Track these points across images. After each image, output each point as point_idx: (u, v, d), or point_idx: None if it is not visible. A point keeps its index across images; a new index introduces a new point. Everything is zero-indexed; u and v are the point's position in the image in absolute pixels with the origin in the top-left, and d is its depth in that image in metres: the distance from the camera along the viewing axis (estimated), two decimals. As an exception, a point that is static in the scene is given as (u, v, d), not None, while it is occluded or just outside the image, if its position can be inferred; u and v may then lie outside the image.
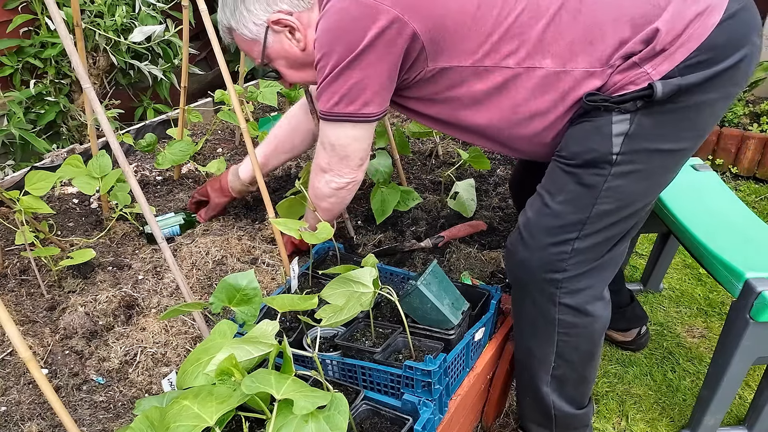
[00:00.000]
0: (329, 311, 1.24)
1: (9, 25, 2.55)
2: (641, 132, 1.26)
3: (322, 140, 1.50)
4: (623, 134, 1.26)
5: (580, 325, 1.40)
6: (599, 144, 1.28)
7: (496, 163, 2.74)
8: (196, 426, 0.91)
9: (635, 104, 1.24)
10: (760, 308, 1.43)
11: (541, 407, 1.53)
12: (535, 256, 1.37)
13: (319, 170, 1.58)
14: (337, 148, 1.48)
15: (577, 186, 1.32)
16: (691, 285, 2.38)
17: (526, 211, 1.42)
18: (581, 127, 1.31)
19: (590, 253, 1.35)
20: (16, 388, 1.54)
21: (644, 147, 1.27)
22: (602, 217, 1.32)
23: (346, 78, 1.33)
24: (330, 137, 1.47)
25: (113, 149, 1.35)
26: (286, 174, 2.62)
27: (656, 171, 1.33)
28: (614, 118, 1.26)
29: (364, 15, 1.26)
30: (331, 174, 1.55)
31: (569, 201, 1.33)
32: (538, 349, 1.47)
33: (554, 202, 1.35)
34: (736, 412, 1.82)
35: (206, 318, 1.55)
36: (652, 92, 1.21)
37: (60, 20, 1.27)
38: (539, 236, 1.36)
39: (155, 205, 2.35)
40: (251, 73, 3.56)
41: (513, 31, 1.27)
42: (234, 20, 1.46)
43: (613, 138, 1.26)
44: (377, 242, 2.15)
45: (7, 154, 2.63)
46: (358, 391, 1.25)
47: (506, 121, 1.36)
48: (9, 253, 2.03)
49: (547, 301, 1.39)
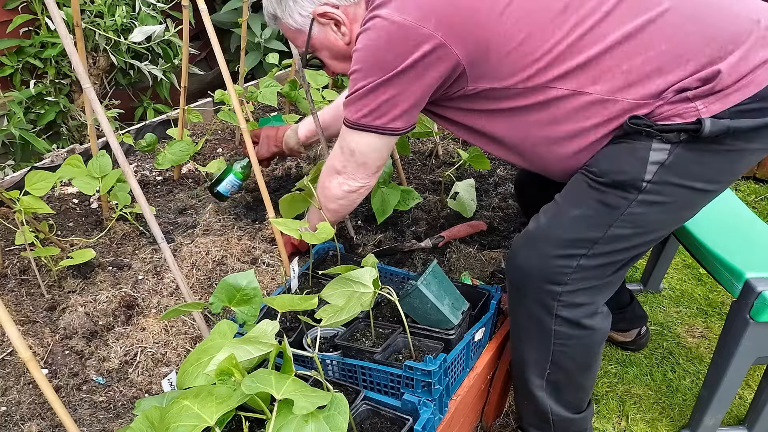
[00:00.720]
0: (329, 311, 1.24)
1: (9, 25, 2.55)
2: (677, 165, 1.23)
3: (342, 144, 1.46)
4: (659, 163, 1.23)
5: (577, 337, 1.39)
6: (632, 167, 1.25)
7: (496, 164, 2.74)
8: (196, 426, 0.91)
9: (678, 136, 1.21)
10: (760, 308, 1.43)
11: (538, 411, 1.52)
12: (537, 263, 1.35)
13: (333, 171, 1.54)
14: (357, 155, 1.44)
15: (599, 204, 1.29)
16: (691, 285, 2.38)
17: (540, 217, 1.38)
18: (617, 146, 1.28)
19: (594, 272, 1.33)
20: (16, 388, 1.54)
21: (676, 181, 1.25)
22: (615, 240, 1.30)
23: (379, 94, 1.30)
24: (350, 143, 1.43)
25: (113, 149, 1.35)
26: (286, 174, 2.62)
27: (681, 207, 1.31)
28: (654, 145, 1.22)
29: (407, 39, 1.22)
30: (344, 177, 1.51)
31: (586, 217, 1.30)
32: (531, 354, 1.45)
33: (570, 215, 1.32)
34: (736, 412, 1.82)
35: (206, 318, 1.55)
36: (699, 128, 1.17)
37: (60, 20, 1.27)
38: (546, 245, 1.34)
39: (155, 205, 2.35)
40: (251, 73, 3.57)
41: (564, 57, 1.23)
42: (280, 9, 1.44)
43: (648, 165, 1.23)
44: (377, 242, 2.15)
45: (7, 154, 2.63)
46: (358, 391, 1.25)
47: (543, 139, 1.33)
48: (9, 253, 2.03)
49: (544, 311, 1.37)
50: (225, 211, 2.32)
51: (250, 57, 3.41)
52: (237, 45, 3.36)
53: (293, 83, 2.85)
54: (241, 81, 2.81)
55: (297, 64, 1.99)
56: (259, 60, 3.45)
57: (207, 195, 2.46)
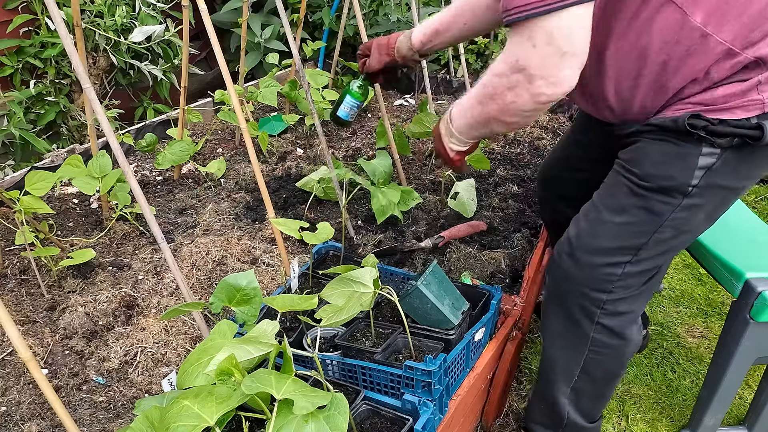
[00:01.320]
0: (329, 311, 1.23)
1: (9, 25, 2.55)
2: (723, 169, 1.18)
3: (532, 34, 1.05)
4: (706, 168, 1.17)
5: (613, 346, 1.37)
6: (680, 173, 1.18)
7: (496, 163, 2.74)
8: (196, 426, 0.91)
9: (731, 141, 1.13)
10: (760, 308, 1.43)
11: (554, 415, 1.52)
12: (584, 272, 1.31)
13: (523, 78, 1.10)
14: (559, 40, 1.03)
15: (642, 211, 1.24)
16: (691, 285, 2.38)
17: (579, 222, 1.33)
18: (663, 147, 1.20)
19: (638, 278, 1.31)
20: (16, 388, 1.54)
21: (718, 183, 1.20)
22: (658, 244, 1.27)
23: None
24: (545, 26, 1.03)
25: (113, 149, 1.35)
26: (287, 174, 2.62)
27: (717, 207, 1.27)
28: (704, 150, 1.15)
29: None
30: (542, 81, 1.08)
31: (631, 224, 1.26)
32: (563, 361, 1.43)
33: (614, 222, 1.27)
34: (736, 412, 1.82)
35: (206, 318, 1.55)
36: (761, 134, 1.09)
37: (60, 20, 1.27)
38: (592, 253, 1.30)
39: (155, 205, 2.35)
40: (251, 73, 3.57)
41: None
42: None
43: (696, 170, 1.17)
44: (377, 242, 2.15)
45: (7, 154, 2.63)
46: (358, 391, 1.25)
47: (680, 54, 1.12)
48: (9, 253, 2.03)
49: (585, 318, 1.35)
50: (225, 211, 2.33)
51: (250, 57, 3.41)
52: (237, 45, 3.36)
53: (293, 83, 2.85)
54: (241, 81, 2.81)
55: (297, 64, 1.99)
56: (259, 60, 3.45)
57: (207, 195, 2.46)
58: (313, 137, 3.00)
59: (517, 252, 2.08)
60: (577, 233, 1.33)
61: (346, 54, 3.64)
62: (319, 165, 2.63)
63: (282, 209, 2.36)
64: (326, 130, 3.09)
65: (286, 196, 2.43)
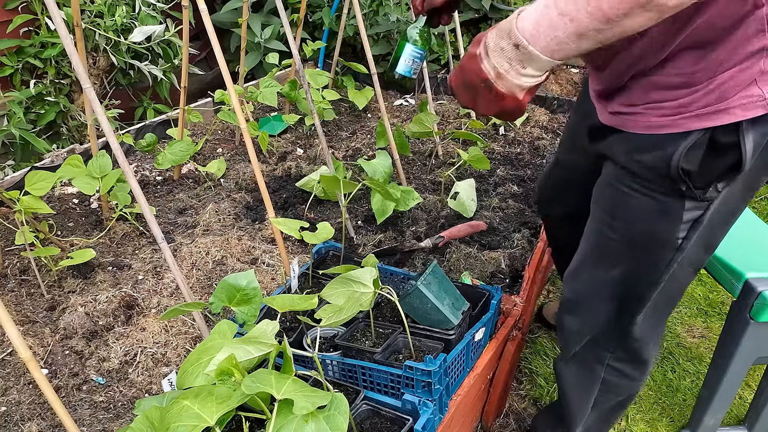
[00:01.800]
0: (329, 311, 1.24)
1: (9, 25, 2.55)
2: (716, 216, 1.08)
3: None
4: (692, 221, 1.08)
5: (624, 385, 1.38)
6: (663, 230, 1.10)
7: (496, 164, 2.74)
8: (197, 426, 0.91)
9: (716, 190, 1.02)
10: (760, 308, 1.43)
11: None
12: (592, 330, 1.30)
13: None
14: None
15: (636, 263, 1.17)
16: (691, 285, 2.38)
17: (572, 283, 1.29)
18: (641, 203, 1.09)
19: (648, 320, 1.26)
20: (16, 388, 1.54)
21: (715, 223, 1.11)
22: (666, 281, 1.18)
23: None
24: None
25: (113, 149, 1.35)
26: (287, 174, 2.62)
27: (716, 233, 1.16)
28: (687, 205, 1.05)
29: None
30: None
31: (629, 274, 1.20)
32: (582, 407, 1.43)
33: (609, 276, 1.21)
34: (736, 412, 1.82)
35: (206, 318, 1.55)
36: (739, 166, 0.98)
37: (60, 20, 1.27)
38: (593, 313, 1.26)
39: (155, 205, 2.35)
40: (251, 73, 3.57)
41: None
42: None
43: (681, 224, 1.08)
44: (377, 242, 2.15)
45: (7, 154, 2.63)
46: (358, 391, 1.25)
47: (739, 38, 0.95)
48: (9, 253, 2.03)
49: (598, 363, 1.35)
50: (225, 211, 2.33)
51: (250, 57, 3.41)
52: (237, 45, 3.36)
53: (293, 83, 2.85)
54: (241, 81, 2.81)
55: (297, 64, 1.99)
56: (259, 60, 3.45)
57: (207, 195, 2.46)
58: (313, 137, 3.00)
59: (517, 252, 2.08)
60: (575, 296, 1.30)
61: (346, 54, 3.64)
62: (319, 165, 2.63)
63: (282, 209, 2.36)
64: (326, 130, 3.09)
65: (286, 196, 2.43)
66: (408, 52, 1.45)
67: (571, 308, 1.33)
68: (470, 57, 0.92)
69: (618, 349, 1.30)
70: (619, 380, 1.36)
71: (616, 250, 1.18)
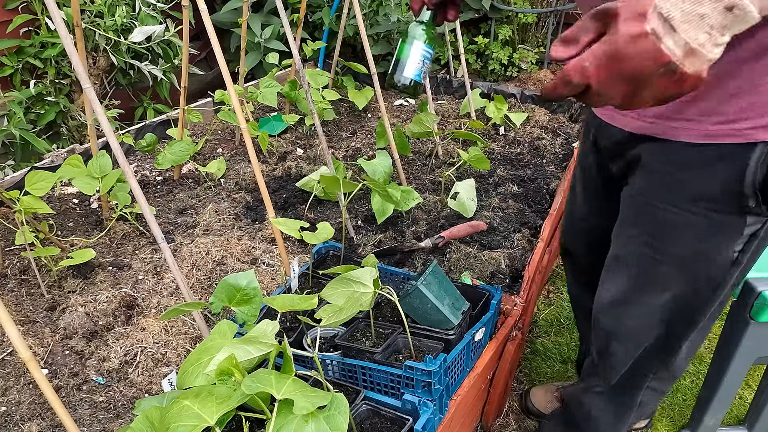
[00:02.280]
0: (329, 311, 1.24)
1: (9, 25, 2.55)
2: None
3: None
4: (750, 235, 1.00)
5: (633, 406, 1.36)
6: (721, 255, 1.02)
7: (496, 164, 2.74)
8: (197, 426, 0.91)
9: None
10: (760, 308, 1.43)
11: None
12: (637, 352, 1.22)
13: None
14: None
15: (688, 285, 1.09)
16: (691, 285, 2.38)
17: (616, 315, 1.19)
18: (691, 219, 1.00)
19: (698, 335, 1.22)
20: (16, 388, 1.54)
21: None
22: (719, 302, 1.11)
23: None
24: None
25: (113, 149, 1.35)
26: (287, 174, 2.62)
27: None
28: (749, 220, 0.96)
29: None
30: None
31: (679, 297, 1.12)
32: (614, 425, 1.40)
33: (655, 303, 1.14)
34: (736, 412, 1.82)
35: (206, 318, 1.55)
36: None
37: (60, 20, 1.27)
38: (647, 337, 1.18)
39: (155, 205, 2.35)
40: (251, 73, 3.57)
41: None
42: None
43: (739, 240, 1.00)
44: (377, 242, 2.15)
45: (7, 154, 2.63)
46: (358, 391, 1.25)
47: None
48: (9, 253, 2.03)
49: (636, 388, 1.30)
50: (225, 211, 2.33)
51: (250, 57, 3.41)
52: (237, 45, 3.36)
53: (293, 83, 2.85)
54: (241, 81, 2.81)
55: (297, 64, 1.99)
56: (259, 60, 3.45)
57: (207, 195, 2.46)
58: (313, 137, 3.00)
59: (517, 252, 2.08)
60: (623, 329, 1.20)
61: (346, 54, 3.64)
62: (319, 165, 2.63)
63: (282, 209, 2.36)
64: (326, 130, 3.09)
65: (286, 196, 2.43)
66: (417, 52, 1.24)
67: (617, 337, 1.23)
68: (633, 38, 0.67)
69: (661, 370, 1.25)
70: (650, 398, 1.33)
71: (665, 273, 1.08)
